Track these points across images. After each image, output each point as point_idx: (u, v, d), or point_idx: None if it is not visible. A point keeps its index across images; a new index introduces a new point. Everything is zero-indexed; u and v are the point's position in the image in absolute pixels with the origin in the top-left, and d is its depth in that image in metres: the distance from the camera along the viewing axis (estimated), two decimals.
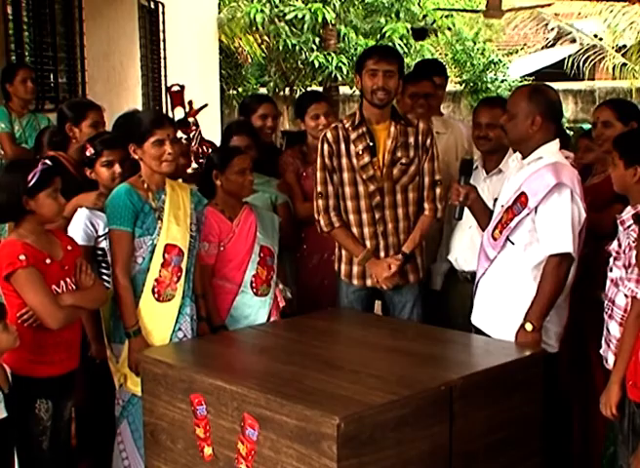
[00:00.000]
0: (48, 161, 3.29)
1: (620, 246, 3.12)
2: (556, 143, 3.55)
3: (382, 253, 3.95)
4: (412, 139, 3.94)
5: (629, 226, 3.10)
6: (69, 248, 3.34)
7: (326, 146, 3.95)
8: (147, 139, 3.46)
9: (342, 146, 3.94)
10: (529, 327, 3.38)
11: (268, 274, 3.86)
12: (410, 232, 3.95)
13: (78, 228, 3.65)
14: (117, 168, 3.73)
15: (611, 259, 3.20)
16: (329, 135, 3.96)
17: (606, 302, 3.22)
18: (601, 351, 3.27)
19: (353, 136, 3.93)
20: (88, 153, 3.79)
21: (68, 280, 3.27)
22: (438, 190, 3.97)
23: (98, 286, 3.39)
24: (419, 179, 3.95)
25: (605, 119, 4.00)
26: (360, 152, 3.91)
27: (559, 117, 3.70)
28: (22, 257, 3.10)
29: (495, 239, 3.54)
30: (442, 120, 4.67)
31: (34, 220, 3.21)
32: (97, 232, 3.65)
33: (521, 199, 3.45)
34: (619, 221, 3.18)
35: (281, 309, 3.93)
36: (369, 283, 3.99)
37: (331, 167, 3.95)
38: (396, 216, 3.93)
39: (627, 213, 3.15)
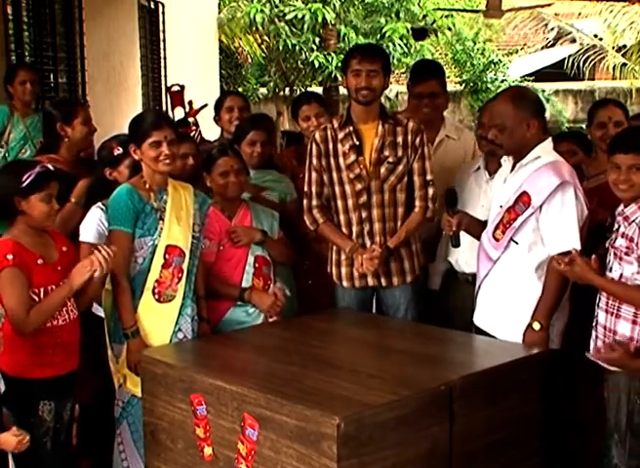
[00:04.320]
0: (49, 165, 3.27)
1: (631, 240, 3.06)
2: (550, 142, 3.56)
3: None
4: (400, 139, 3.89)
5: (634, 220, 3.07)
6: (64, 249, 3.33)
7: (314, 147, 3.97)
8: (145, 141, 3.47)
9: (330, 146, 3.94)
10: (537, 326, 3.38)
11: (265, 284, 3.85)
12: None
13: (91, 226, 3.66)
14: None
15: (611, 258, 3.16)
16: (317, 135, 3.98)
17: (608, 302, 3.14)
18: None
19: (340, 135, 3.93)
20: (116, 153, 3.78)
21: (62, 283, 3.23)
22: (431, 190, 3.91)
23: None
24: (408, 180, 3.92)
25: (619, 119, 4.05)
26: (346, 151, 3.90)
27: (544, 112, 3.69)
28: (10, 257, 3.10)
29: (497, 240, 3.53)
30: (455, 125, 4.64)
31: (25, 221, 3.21)
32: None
33: (523, 198, 3.45)
34: (622, 217, 3.14)
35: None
36: (357, 284, 3.97)
37: (319, 167, 3.96)
38: (384, 216, 3.90)
39: (630, 208, 3.12)
